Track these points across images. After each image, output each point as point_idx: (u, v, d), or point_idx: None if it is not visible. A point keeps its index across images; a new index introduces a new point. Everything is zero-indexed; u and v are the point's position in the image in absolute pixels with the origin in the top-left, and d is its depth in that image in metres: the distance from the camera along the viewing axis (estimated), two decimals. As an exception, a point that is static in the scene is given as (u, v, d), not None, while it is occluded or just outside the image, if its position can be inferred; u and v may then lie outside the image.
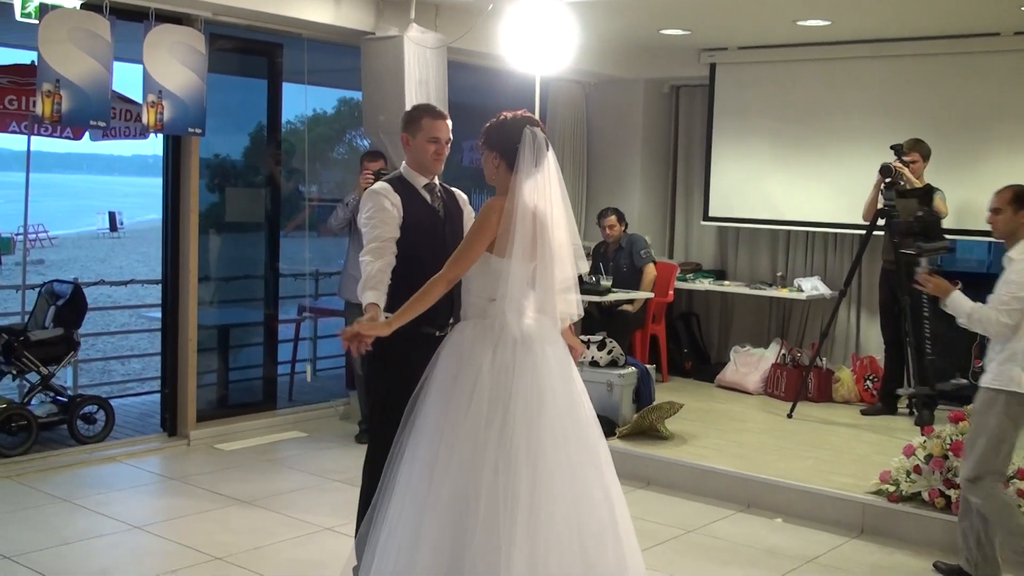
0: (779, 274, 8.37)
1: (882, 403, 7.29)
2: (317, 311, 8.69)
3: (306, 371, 7.33)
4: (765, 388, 7.81)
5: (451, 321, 3.84)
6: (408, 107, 6.40)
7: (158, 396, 7.67)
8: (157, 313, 7.14)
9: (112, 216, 36.36)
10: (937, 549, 4.92)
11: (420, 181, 4.03)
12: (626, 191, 8.95)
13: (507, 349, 3.48)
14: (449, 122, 4.03)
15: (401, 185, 3.98)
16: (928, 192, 5.61)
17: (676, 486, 5.83)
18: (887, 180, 6.78)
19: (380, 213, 3.89)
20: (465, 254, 3.54)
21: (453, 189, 4.19)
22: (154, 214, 49.07)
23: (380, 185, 3.99)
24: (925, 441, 5.24)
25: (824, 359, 7.60)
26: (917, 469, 5.17)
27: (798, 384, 7.42)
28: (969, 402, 5.63)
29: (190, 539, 4.79)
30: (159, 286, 6.84)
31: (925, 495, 5.10)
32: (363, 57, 6.72)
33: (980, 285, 7.60)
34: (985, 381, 4.51)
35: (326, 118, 18.86)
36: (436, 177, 4.08)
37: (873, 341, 8.02)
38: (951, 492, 5.00)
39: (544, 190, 3.56)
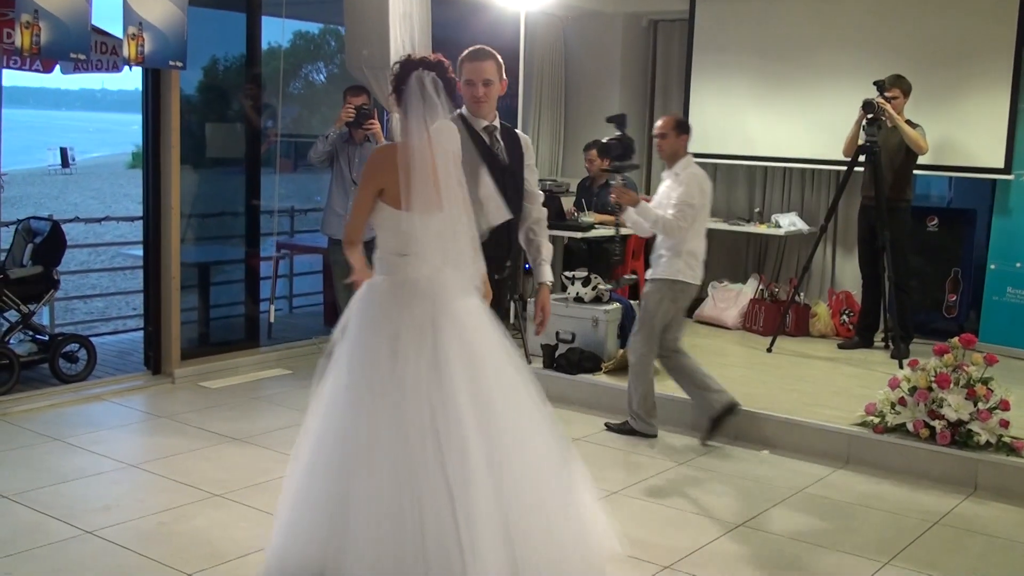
0: (756, 210, 8.43)
1: (859, 337, 7.42)
2: (293, 248, 8.63)
3: (269, 312, 7.20)
4: (743, 323, 7.90)
5: (508, 264, 3.95)
6: (392, 41, 6.39)
7: (134, 334, 7.69)
8: (136, 251, 7.06)
9: (64, 152, 35.68)
10: (923, 478, 5.06)
11: (479, 124, 4.05)
12: (603, 126, 8.84)
13: (424, 308, 3.35)
14: (485, 63, 3.98)
15: (463, 124, 3.96)
16: (623, 117, 5.65)
17: (663, 420, 5.87)
18: (869, 116, 6.82)
19: None
20: (353, 212, 3.48)
21: (517, 132, 4.21)
22: (105, 149, 48.17)
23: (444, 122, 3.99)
24: (910, 374, 5.34)
25: (802, 294, 7.68)
26: (902, 401, 5.28)
27: (777, 319, 7.52)
28: (945, 336, 5.77)
29: (187, 476, 4.79)
30: (118, 224, 6.76)
31: (910, 426, 5.21)
32: (345, -11, 6.61)
33: (950, 219, 7.79)
34: (654, 273, 5.55)
35: (279, 52, 18.58)
36: (497, 119, 4.10)
37: (848, 276, 8.13)
38: (936, 423, 5.12)
39: (441, 138, 3.40)
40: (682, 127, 5.60)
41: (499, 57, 4.03)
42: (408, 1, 6.50)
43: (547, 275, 4.19)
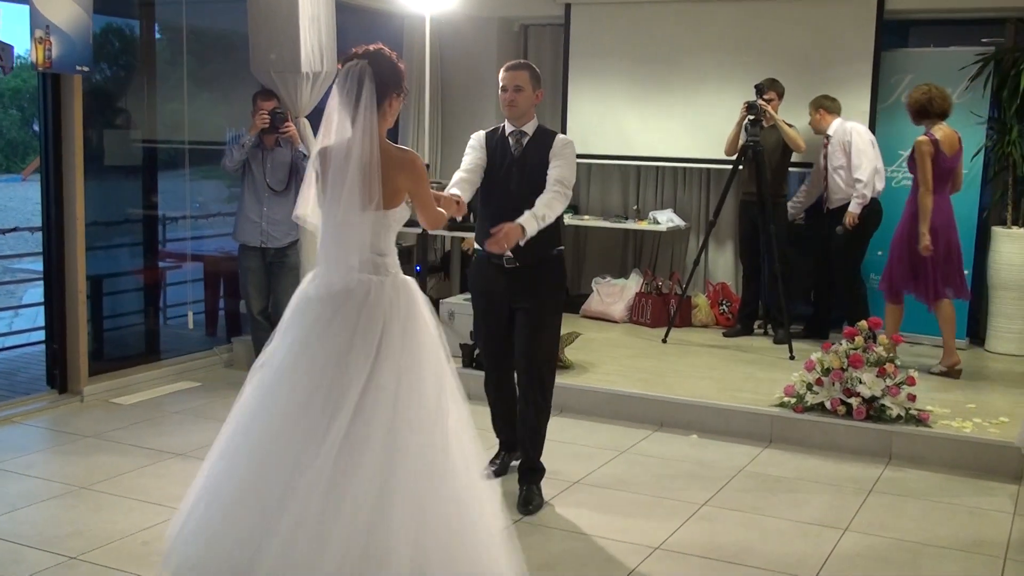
0: (635, 207, 8.79)
1: (740, 325, 7.89)
2: (171, 256, 8.35)
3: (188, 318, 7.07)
4: (631, 316, 8.24)
5: (508, 254, 4.43)
6: (303, 44, 6.37)
7: (15, 352, 7.31)
8: (28, 264, 6.72)
9: None
10: (844, 452, 5.50)
11: (508, 128, 4.57)
12: (481, 129, 9.02)
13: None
14: (519, 72, 4.55)
15: (494, 132, 4.62)
16: None
17: (589, 412, 6.11)
18: (751, 117, 7.27)
19: (466, 154, 4.59)
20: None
21: (556, 135, 4.61)
22: None
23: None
24: (823, 356, 5.77)
25: (684, 287, 8.07)
26: (819, 382, 5.71)
27: (664, 311, 7.91)
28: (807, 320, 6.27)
29: (148, 494, 4.64)
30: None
31: (827, 404, 5.64)
32: (250, -8, 6.50)
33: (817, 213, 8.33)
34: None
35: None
36: (533, 124, 4.59)
37: (722, 269, 8.61)
38: (851, 400, 5.56)
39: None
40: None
41: (535, 68, 4.56)
42: (316, 4, 6.46)
43: (522, 219, 4.28)
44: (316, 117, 6.78)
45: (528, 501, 4.62)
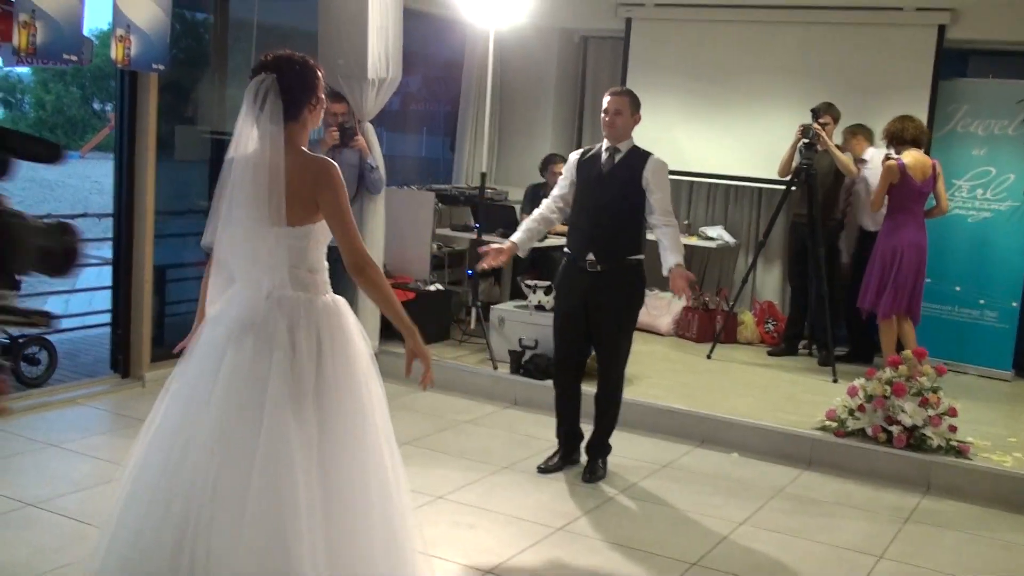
0: (685, 222, 8.89)
1: (785, 344, 7.96)
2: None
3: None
4: (676, 330, 8.35)
5: (590, 257, 5.07)
6: (370, 52, 6.54)
7: (79, 334, 7.56)
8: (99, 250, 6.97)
9: None
10: (882, 479, 5.58)
11: (605, 144, 5.06)
12: (536, 139, 9.20)
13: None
14: (617, 98, 5.05)
15: (588, 149, 5.25)
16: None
17: (631, 424, 6.18)
18: (806, 140, 7.35)
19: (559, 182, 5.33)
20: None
21: (650, 156, 5.05)
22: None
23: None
24: (866, 383, 5.85)
25: (731, 303, 8.16)
26: (861, 408, 5.79)
27: (710, 327, 8.02)
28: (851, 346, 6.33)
29: (206, 482, 4.83)
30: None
31: (868, 431, 5.72)
32: (321, -1, 6.70)
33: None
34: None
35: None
36: (628, 143, 5.05)
37: (769, 287, 8.69)
38: (892, 428, 5.64)
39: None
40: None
41: (635, 95, 5.03)
42: (384, 14, 6.63)
43: (675, 261, 5.08)
44: (380, 121, 7.03)
45: (593, 471, 5.28)
